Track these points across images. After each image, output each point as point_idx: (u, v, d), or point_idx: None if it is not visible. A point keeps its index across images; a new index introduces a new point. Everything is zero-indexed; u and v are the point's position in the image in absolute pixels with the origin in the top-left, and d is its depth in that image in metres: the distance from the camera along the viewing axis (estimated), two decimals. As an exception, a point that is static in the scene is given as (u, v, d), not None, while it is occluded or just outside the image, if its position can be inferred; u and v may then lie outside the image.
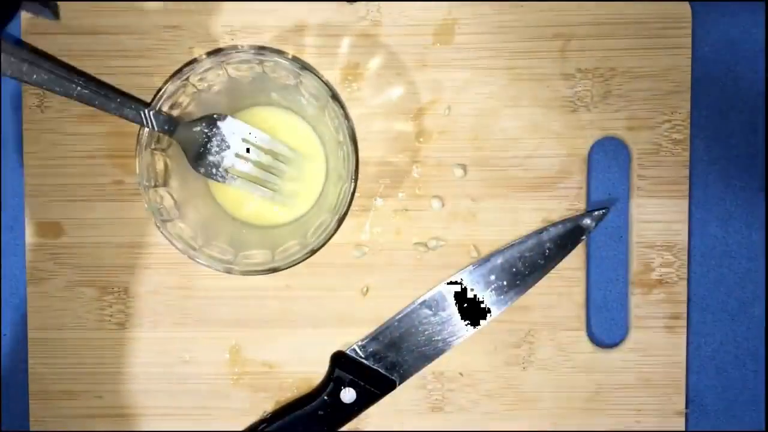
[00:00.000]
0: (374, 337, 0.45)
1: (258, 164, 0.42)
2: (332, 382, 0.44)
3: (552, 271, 0.45)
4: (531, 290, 0.45)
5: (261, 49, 0.39)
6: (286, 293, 0.46)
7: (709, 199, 0.46)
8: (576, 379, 0.46)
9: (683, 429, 0.46)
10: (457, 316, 0.45)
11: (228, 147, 0.41)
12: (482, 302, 0.45)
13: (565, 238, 0.45)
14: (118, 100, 0.40)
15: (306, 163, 0.44)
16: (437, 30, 0.45)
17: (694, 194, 0.46)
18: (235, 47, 0.39)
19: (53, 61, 0.42)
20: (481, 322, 0.45)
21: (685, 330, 0.46)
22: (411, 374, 0.45)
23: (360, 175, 0.40)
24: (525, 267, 0.45)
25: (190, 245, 0.40)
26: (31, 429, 0.46)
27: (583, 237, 0.45)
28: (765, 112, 0.46)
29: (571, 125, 0.45)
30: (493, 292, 0.45)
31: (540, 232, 0.44)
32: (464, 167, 0.45)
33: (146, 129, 0.39)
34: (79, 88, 0.40)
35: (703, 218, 0.47)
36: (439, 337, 0.45)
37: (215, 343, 0.46)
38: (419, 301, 0.45)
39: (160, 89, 0.39)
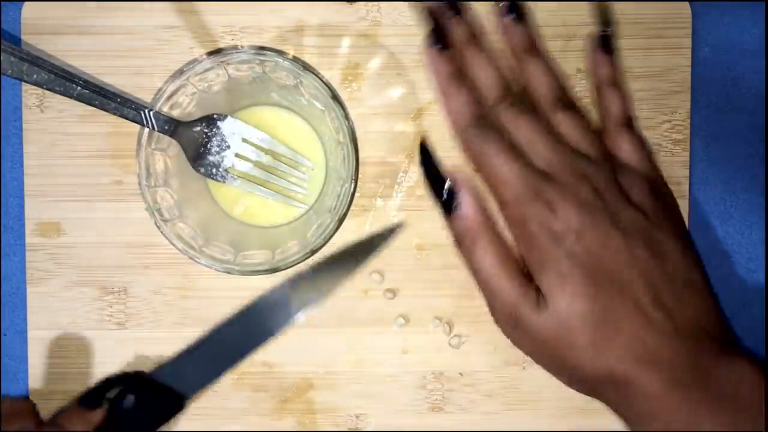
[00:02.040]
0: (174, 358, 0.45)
1: (258, 164, 0.42)
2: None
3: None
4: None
5: (261, 50, 0.39)
6: (286, 293, 0.46)
7: (709, 199, 0.47)
8: (576, 379, 0.46)
9: (683, 429, 0.46)
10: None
11: (228, 147, 0.41)
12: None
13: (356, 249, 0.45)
14: (118, 100, 0.40)
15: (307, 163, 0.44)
16: (437, 30, 0.45)
17: (694, 194, 0.46)
18: (235, 47, 0.39)
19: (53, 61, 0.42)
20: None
21: (685, 330, 0.46)
22: (199, 388, 0.44)
23: (360, 175, 0.40)
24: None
25: (190, 245, 0.40)
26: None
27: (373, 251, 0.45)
28: (765, 112, 0.46)
29: (571, 125, 0.45)
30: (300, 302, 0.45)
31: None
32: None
33: (146, 129, 0.39)
34: (79, 88, 0.40)
35: (703, 218, 0.47)
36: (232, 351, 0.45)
37: (215, 343, 0.46)
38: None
39: (160, 89, 0.39)
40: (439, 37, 0.39)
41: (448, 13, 0.40)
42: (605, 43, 0.40)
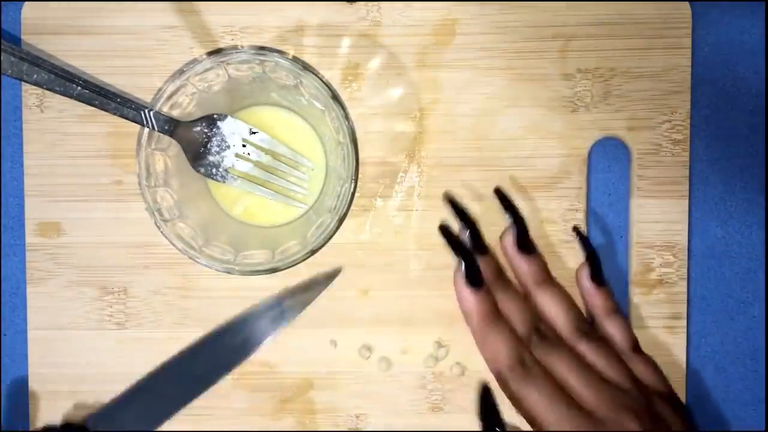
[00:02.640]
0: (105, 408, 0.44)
1: (258, 164, 0.42)
2: None
3: (552, 271, 0.45)
4: (531, 290, 0.45)
5: (261, 50, 0.39)
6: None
7: (709, 199, 0.47)
8: (576, 379, 0.46)
9: (683, 429, 0.46)
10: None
11: (228, 147, 0.41)
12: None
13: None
14: (118, 100, 0.40)
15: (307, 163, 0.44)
16: (437, 30, 0.45)
17: (694, 194, 0.46)
18: (235, 47, 0.39)
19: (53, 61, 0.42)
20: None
21: (685, 330, 0.46)
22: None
23: (360, 175, 0.40)
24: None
25: (190, 245, 0.40)
26: (31, 429, 0.46)
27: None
28: (765, 112, 0.46)
29: (571, 125, 0.45)
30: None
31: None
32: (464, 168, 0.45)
33: (146, 129, 0.39)
34: (79, 88, 0.40)
35: (703, 218, 0.47)
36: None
37: (215, 343, 0.46)
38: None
39: (160, 89, 0.39)
40: (474, 277, 0.40)
41: (476, 252, 0.41)
42: (596, 275, 0.41)
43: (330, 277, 0.45)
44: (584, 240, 0.42)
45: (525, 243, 0.42)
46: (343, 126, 0.39)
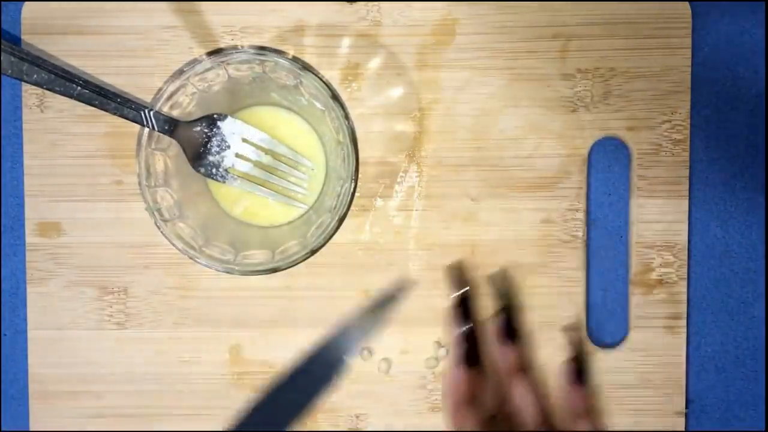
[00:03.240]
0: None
1: (258, 164, 0.42)
2: None
3: (552, 271, 0.45)
4: (531, 290, 0.45)
5: (261, 49, 0.39)
6: (286, 293, 0.46)
7: (709, 199, 0.47)
8: (576, 379, 0.46)
9: (683, 429, 0.46)
10: None
11: (228, 147, 0.41)
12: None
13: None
14: (118, 100, 0.40)
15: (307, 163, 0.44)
16: (437, 30, 0.45)
17: (694, 194, 0.46)
18: (235, 47, 0.39)
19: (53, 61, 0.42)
20: None
21: (685, 330, 0.46)
22: None
23: (360, 175, 0.40)
24: None
25: (190, 245, 0.40)
26: (31, 429, 0.46)
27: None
28: (765, 112, 0.46)
29: (571, 125, 0.45)
30: None
31: None
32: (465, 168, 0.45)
33: (146, 129, 0.39)
34: (79, 88, 0.40)
35: (703, 218, 0.47)
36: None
37: (215, 343, 0.46)
38: None
39: (160, 89, 0.39)
40: (472, 356, 0.40)
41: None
42: (578, 372, 0.41)
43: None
44: (576, 341, 0.42)
45: (510, 331, 0.41)
46: (343, 126, 0.39)
